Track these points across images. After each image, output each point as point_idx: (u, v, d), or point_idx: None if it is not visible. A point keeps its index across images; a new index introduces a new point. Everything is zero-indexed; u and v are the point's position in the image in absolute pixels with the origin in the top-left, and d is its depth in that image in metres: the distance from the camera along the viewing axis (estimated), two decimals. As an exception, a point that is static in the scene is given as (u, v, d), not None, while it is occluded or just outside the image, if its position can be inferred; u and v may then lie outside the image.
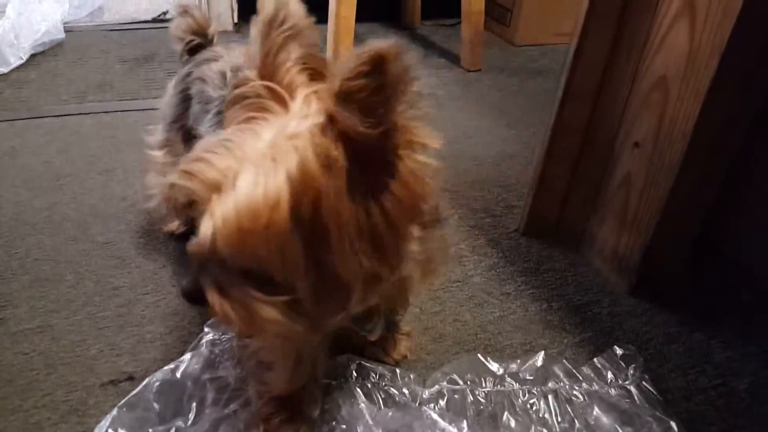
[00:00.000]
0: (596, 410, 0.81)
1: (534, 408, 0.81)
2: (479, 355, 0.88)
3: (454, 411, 0.81)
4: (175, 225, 1.10)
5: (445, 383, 0.84)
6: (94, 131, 1.45)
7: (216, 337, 0.82)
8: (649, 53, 0.92)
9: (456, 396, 0.83)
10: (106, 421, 0.72)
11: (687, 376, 0.91)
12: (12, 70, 1.73)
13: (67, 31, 1.99)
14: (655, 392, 0.83)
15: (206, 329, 0.84)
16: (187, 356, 0.81)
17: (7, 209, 1.17)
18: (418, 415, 0.78)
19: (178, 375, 0.78)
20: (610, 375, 0.86)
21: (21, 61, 1.77)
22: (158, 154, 1.03)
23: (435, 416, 0.77)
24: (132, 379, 0.83)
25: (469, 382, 0.85)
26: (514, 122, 1.63)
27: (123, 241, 1.10)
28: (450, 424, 0.76)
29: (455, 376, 0.85)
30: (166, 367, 0.79)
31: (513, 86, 1.88)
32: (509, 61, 2.07)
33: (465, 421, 0.77)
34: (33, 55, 1.82)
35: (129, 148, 1.38)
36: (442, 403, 0.82)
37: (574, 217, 1.15)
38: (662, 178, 0.94)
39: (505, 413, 0.80)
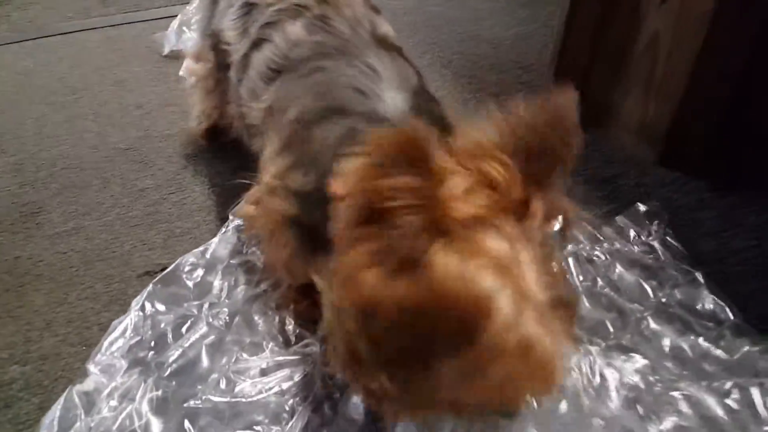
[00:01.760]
0: (619, 268, 0.81)
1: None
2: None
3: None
4: (205, 123, 1.07)
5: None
6: (102, 45, 1.43)
7: (242, 223, 0.84)
8: None
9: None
10: (141, 296, 0.76)
11: (720, 239, 0.89)
12: (15, -7, 1.70)
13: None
14: (680, 246, 0.83)
15: (231, 216, 0.86)
16: (216, 240, 0.83)
17: (29, 124, 1.18)
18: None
19: (208, 256, 0.80)
20: (632, 232, 0.85)
21: (22, -17, 1.73)
22: (196, 67, 1.01)
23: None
24: (166, 269, 0.87)
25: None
26: (530, 1, 1.55)
27: (143, 146, 1.11)
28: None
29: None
30: (196, 250, 0.81)
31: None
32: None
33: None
34: (33, -24, 1.78)
35: (137, 59, 1.37)
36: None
37: (598, 91, 1.10)
38: (691, 34, 0.89)
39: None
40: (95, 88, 1.28)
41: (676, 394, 0.66)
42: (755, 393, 0.65)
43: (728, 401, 0.65)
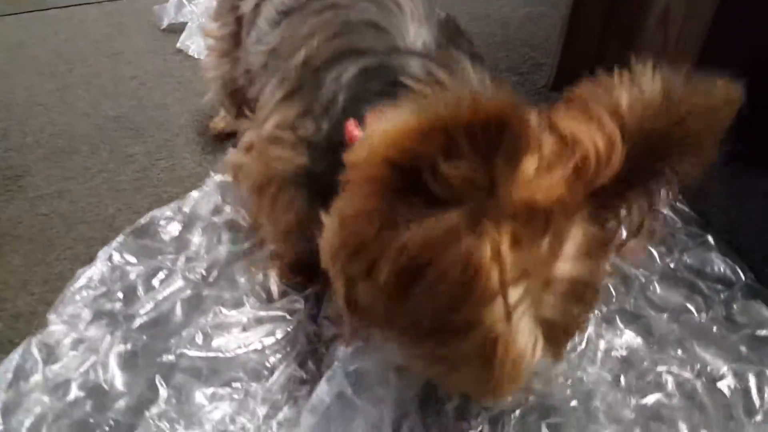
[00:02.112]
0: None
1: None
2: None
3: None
4: (222, 124, 1.02)
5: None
6: (100, 19, 1.40)
7: (224, 178, 0.80)
8: None
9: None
10: (110, 246, 0.71)
11: (731, 207, 0.84)
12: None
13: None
14: (690, 211, 0.79)
15: (212, 174, 0.81)
16: (195, 194, 0.78)
17: (19, 93, 1.15)
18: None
19: (186, 211, 0.75)
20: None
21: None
22: (213, 27, 0.92)
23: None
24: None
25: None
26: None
27: (136, 115, 1.08)
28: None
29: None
30: (173, 204, 0.77)
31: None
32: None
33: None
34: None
35: (136, 32, 1.34)
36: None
37: (610, 68, 1.06)
38: (703, 7, 0.85)
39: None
40: (90, 60, 1.24)
41: (663, 370, 0.61)
42: (751, 380, 0.60)
43: (720, 384, 0.60)
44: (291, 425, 0.55)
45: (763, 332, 0.64)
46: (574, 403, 0.54)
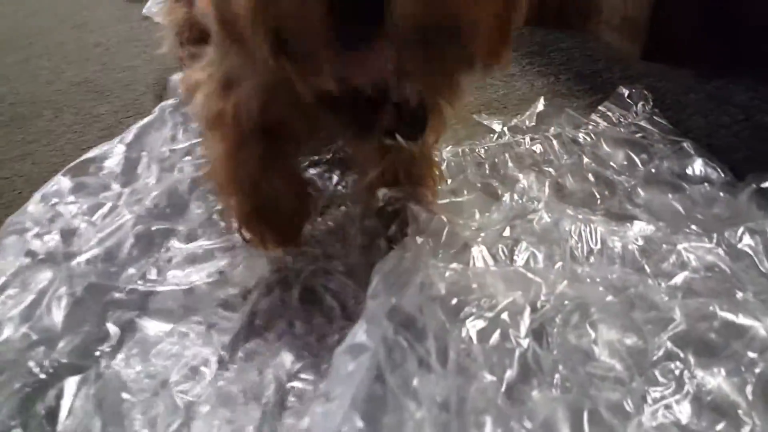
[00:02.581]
0: (605, 146, 0.75)
1: (538, 152, 0.75)
2: (475, 116, 0.82)
3: (454, 173, 0.75)
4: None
5: (444, 152, 0.78)
6: (65, -4, 1.38)
7: (172, 102, 0.76)
8: None
9: (455, 158, 0.77)
10: (44, 187, 0.68)
11: (708, 117, 0.83)
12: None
13: None
14: (666, 123, 0.77)
15: (163, 103, 0.78)
16: (140, 123, 0.75)
17: (-21, 68, 1.12)
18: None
19: (130, 141, 0.72)
20: (617, 115, 0.79)
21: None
22: None
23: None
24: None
25: (468, 144, 0.79)
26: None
27: (100, 78, 1.05)
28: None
29: (454, 145, 0.79)
30: (114, 139, 0.73)
31: None
32: None
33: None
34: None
35: (100, 4, 1.32)
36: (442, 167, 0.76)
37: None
38: None
39: (508, 161, 0.74)
40: (53, 32, 1.22)
41: (681, 248, 0.58)
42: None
43: (740, 246, 0.57)
44: (258, 356, 0.52)
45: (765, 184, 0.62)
46: (609, 298, 0.51)
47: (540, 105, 0.81)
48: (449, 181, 0.75)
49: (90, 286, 0.58)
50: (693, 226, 0.59)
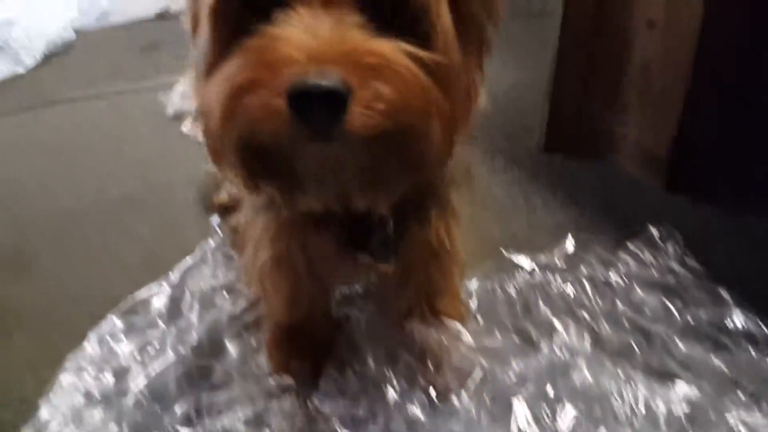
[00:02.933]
0: (638, 290, 0.77)
1: (570, 293, 0.77)
2: (504, 251, 0.85)
3: (485, 311, 0.77)
4: (226, 197, 1.00)
5: (471, 282, 0.80)
6: (108, 110, 1.46)
7: (214, 244, 0.81)
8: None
9: (485, 294, 0.79)
10: (99, 327, 0.71)
11: (739, 258, 0.85)
12: (28, 70, 1.76)
13: (76, 32, 2.03)
14: (700, 266, 0.79)
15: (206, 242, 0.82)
16: (187, 261, 0.79)
17: (27, 180, 1.17)
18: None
19: (176, 280, 0.76)
20: (648, 256, 0.82)
21: (35, 61, 1.80)
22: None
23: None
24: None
25: (497, 280, 0.81)
26: (522, 58, 1.58)
27: (142, 195, 1.10)
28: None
29: (483, 277, 0.82)
30: (161, 279, 0.78)
31: (516, 29, 1.83)
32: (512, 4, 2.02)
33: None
34: (46, 56, 1.85)
35: (142, 121, 1.39)
36: (472, 304, 0.78)
37: (596, 121, 1.10)
38: (682, 54, 0.90)
39: (540, 302, 0.77)
40: (97, 146, 1.29)
41: (731, 418, 0.59)
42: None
43: None
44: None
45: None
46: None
47: (569, 244, 0.84)
48: (479, 317, 0.77)
49: (137, 426, 0.60)
50: (740, 393, 0.59)
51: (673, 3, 0.89)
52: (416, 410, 0.60)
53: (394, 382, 0.63)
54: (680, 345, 0.70)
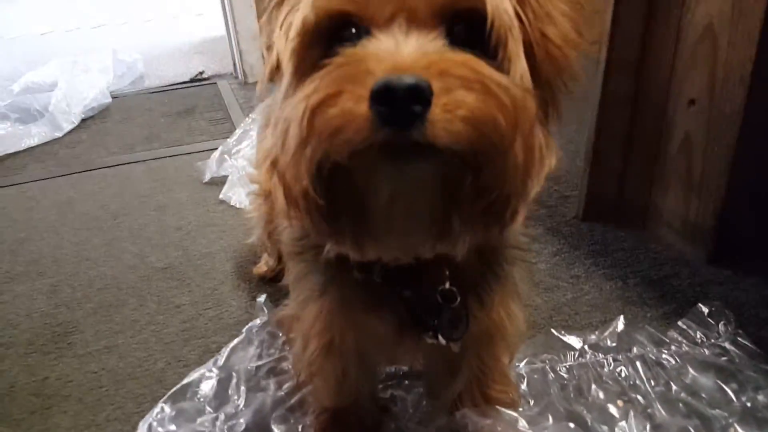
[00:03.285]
0: (691, 371, 0.75)
1: (623, 375, 0.75)
2: (553, 330, 0.83)
3: (536, 393, 0.75)
4: (265, 268, 1.04)
5: (522, 364, 0.79)
6: (145, 176, 1.49)
7: (260, 323, 0.80)
8: (689, 6, 0.90)
9: (536, 376, 0.78)
10: (150, 416, 0.70)
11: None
12: (65, 134, 1.82)
13: (113, 97, 2.10)
14: (753, 346, 0.77)
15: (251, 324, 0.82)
16: (232, 344, 0.79)
17: (68, 249, 1.19)
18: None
19: (222, 364, 0.75)
20: (699, 335, 0.80)
21: (73, 126, 1.86)
22: (255, 172, 0.96)
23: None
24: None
25: (548, 360, 0.80)
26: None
27: (181, 264, 1.11)
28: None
29: (532, 357, 0.81)
30: (209, 362, 0.77)
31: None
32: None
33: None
34: (83, 120, 1.92)
35: (179, 186, 1.41)
36: (523, 386, 0.77)
37: (636, 192, 1.10)
38: (724, 132, 0.90)
39: (592, 385, 0.75)
40: (136, 213, 1.31)
41: None
42: None
43: None
44: None
45: None
46: None
47: (620, 324, 0.83)
48: (531, 402, 0.75)
49: None
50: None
51: (714, 84, 0.89)
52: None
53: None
54: (740, 430, 0.68)
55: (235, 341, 0.81)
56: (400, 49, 0.39)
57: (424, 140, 0.37)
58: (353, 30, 0.43)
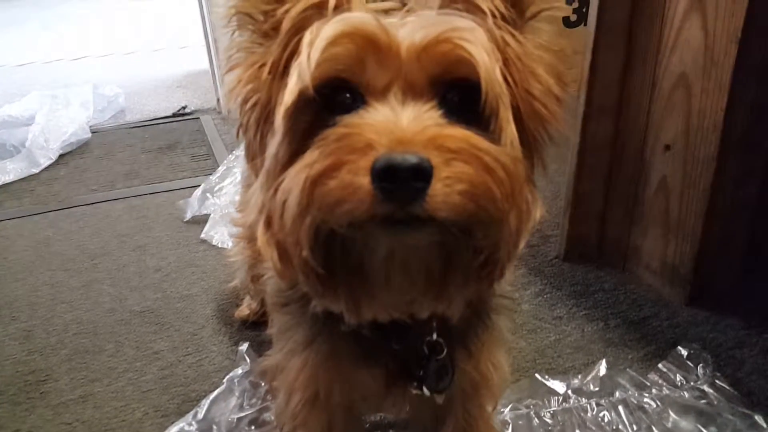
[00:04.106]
0: (672, 415, 0.76)
1: (606, 420, 0.76)
2: (537, 375, 0.83)
3: (522, 438, 0.75)
4: (247, 311, 1.02)
5: (506, 410, 0.79)
6: (125, 214, 1.47)
7: (241, 372, 0.79)
8: (664, 55, 0.93)
9: (521, 422, 0.78)
10: None
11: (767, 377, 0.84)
12: (42, 170, 1.79)
13: (92, 132, 2.08)
14: (730, 389, 0.78)
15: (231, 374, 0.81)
16: (212, 396, 0.78)
17: (43, 291, 1.17)
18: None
19: (200, 417, 0.74)
20: (679, 377, 0.81)
21: (50, 161, 1.83)
22: (238, 216, 0.95)
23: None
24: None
25: (532, 406, 0.80)
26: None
27: (160, 308, 1.09)
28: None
29: (516, 403, 0.80)
30: (187, 414, 0.76)
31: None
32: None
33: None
34: (62, 155, 1.89)
35: (159, 225, 1.40)
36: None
37: (615, 234, 1.12)
38: (700, 176, 0.93)
39: (576, 430, 0.75)
40: (115, 254, 1.29)
41: None
42: None
43: None
44: None
45: None
46: None
47: (602, 367, 0.83)
48: (518, 450, 0.74)
49: None
50: None
51: (689, 130, 0.92)
52: None
53: None
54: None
55: (216, 392, 0.79)
56: (400, 122, 0.41)
57: (424, 214, 0.38)
58: (347, 95, 0.44)
